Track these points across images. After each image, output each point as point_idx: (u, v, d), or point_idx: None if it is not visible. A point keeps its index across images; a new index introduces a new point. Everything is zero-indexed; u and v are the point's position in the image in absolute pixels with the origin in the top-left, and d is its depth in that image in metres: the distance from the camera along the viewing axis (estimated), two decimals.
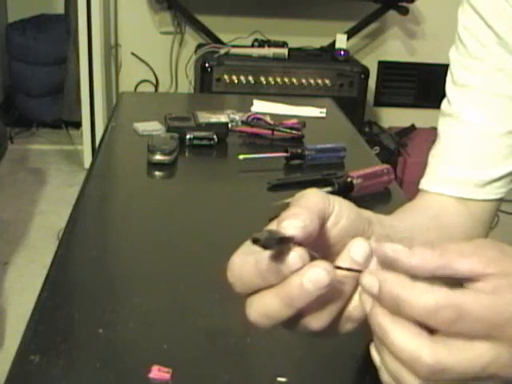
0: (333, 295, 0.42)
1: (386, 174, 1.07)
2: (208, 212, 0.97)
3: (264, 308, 0.42)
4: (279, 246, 0.40)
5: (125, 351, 0.64)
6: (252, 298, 0.43)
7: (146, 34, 3.33)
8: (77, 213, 0.93)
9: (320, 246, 0.44)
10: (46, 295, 0.71)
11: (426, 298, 0.38)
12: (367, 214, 0.49)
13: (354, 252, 0.43)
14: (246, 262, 0.43)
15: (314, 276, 0.40)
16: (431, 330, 0.39)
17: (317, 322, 0.43)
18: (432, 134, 0.78)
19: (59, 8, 3.57)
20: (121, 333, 0.66)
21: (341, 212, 0.45)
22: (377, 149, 2.93)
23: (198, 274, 0.79)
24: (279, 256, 0.41)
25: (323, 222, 0.44)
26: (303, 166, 1.14)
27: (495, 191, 0.70)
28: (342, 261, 0.43)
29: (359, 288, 0.43)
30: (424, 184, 0.73)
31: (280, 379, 0.60)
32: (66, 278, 0.78)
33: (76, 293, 0.75)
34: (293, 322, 0.43)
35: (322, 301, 0.42)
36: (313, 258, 0.42)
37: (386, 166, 1.09)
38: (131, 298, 0.72)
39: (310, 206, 0.43)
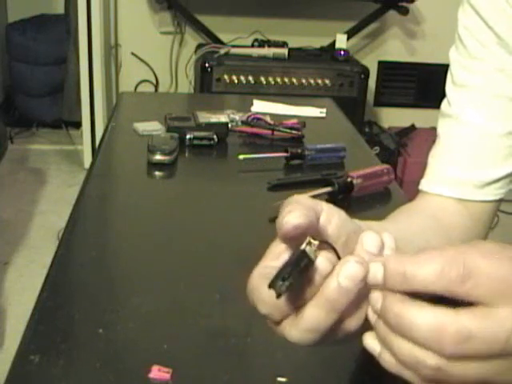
0: (364, 287, 0.42)
1: (386, 174, 1.07)
2: (208, 212, 0.97)
3: (307, 323, 0.41)
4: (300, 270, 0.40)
5: (125, 351, 0.64)
6: (288, 321, 0.43)
7: (146, 34, 3.33)
8: (77, 213, 0.93)
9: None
10: (46, 295, 0.71)
11: (431, 264, 0.38)
12: (355, 220, 0.48)
13: (367, 243, 0.43)
14: None
15: (348, 272, 0.40)
16: None
17: (355, 320, 0.43)
18: (432, 134, 0.78)
19: (59, 8, 3.57)
20: (121, 333, 0.66)
21: (331, 211, 0.44)
22: (377, 149, 2.93)
23: (198, 274, 0.79)
24: (308, 267, 0.40)
25: (317, 217, 0.43)
26: (303, 165, 1.14)
27: (494, 192, 0.70)
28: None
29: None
30: (424, 185, 0.73)
31: (280, 379, 0.60)
32: (66, 278, 0.78)
33: (76, 293, 0.75)
34: (331, 332, 0.43)
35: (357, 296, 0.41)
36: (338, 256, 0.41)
37: (385, 166, 1.09)
38: (131, 298, 0.72)
39: (301, 202, 0.43)
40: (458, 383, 0.38)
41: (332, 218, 0.44)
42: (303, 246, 0.40)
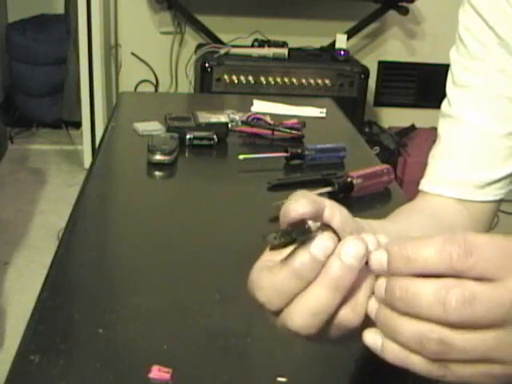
0: (362, 277, 0.42)
1: (386, 174, 1.07)
2: (208, 212, 0.97)
3: (310, 306, 0.41)
4: (301, 238, 0.40)
5: (125, 351, 0.64)
6: (290, 307, 0.42)
7: (146, 33, 3.33)
8: (77, 213, 0.93)
9: None
10: (46, 295, 0.71)
11: (433, 244, 0.38)
12: (356, 218, 0.49)
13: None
14: (275, 272, 0.42)
15: (350, 249, 0.40)
16: None
17: (352, 314, 0.42)
18: (432, 134, 0.78)
19: (59, 8, 3.57)
20: (121, 333, 0.66)
21: (333, 207, 0.45)
22: (377, 149, 2.93)
23: (198, 274, 0.79)
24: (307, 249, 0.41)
25: (321, 211, 0.44)
26: (303, 166, 1.14)
27: (494, 192, 0.70)
28: None
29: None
30: (424, 185, 0.73)
31: (280, 379, 0.60)
32: (66, 278, 0.78)
33: (76, 293, 0.75)
34: (330, 326, 0.43)
35: (354, 285, 0.41)
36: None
37: (385, 166, 1.09)
38: (131, 298, 0.72)
39: (305, 195, 0.43)
40: (462, 358, 0.38)
41: (335, 214, 0.45)
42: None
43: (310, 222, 0.42)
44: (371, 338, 0.41)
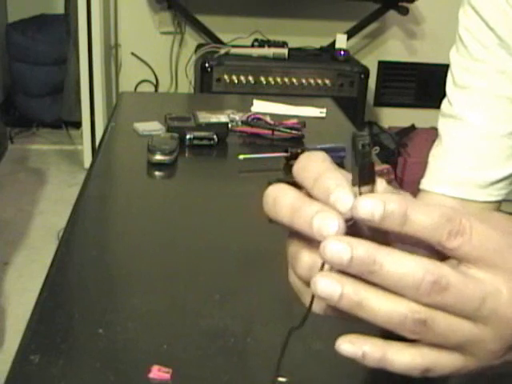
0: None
1: (385, 174, 1.07)
2: (208, 212, 0.97)
3: (278, 196, 0.41)
4: None
5: (125, 351, 0.64)
6: (280, 184, 0.41)
7: (145, 33, 3.33)
8: (77, 213, 0.93)
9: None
10: (46, 295, 0.71)
11: (430, 214, 0.37)
12: None
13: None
14: (312, 156, 0.41)
15: (330, 227, 0.37)
16: None
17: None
18: (432, 134, 0.77)
19: (59, 8, 3.57)
20: (121, 333, 0.66)
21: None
22: (377, 149, 2.92)
23: (198, 274, 0.79)
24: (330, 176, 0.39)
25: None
26: None
27: (496, 193, 0.70)
28: None
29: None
30: (425, 184, 0.73)
31: (280, 379, 0.60)
32: (66, 278, 0.78)
33: (76, 293, 0.75)
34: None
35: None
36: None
37: (386, 166, 1.09)
38: (131, 298, 0.72)
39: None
40: (441, 333, 0.38)
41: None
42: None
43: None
44: (348, 347, 0.39)
